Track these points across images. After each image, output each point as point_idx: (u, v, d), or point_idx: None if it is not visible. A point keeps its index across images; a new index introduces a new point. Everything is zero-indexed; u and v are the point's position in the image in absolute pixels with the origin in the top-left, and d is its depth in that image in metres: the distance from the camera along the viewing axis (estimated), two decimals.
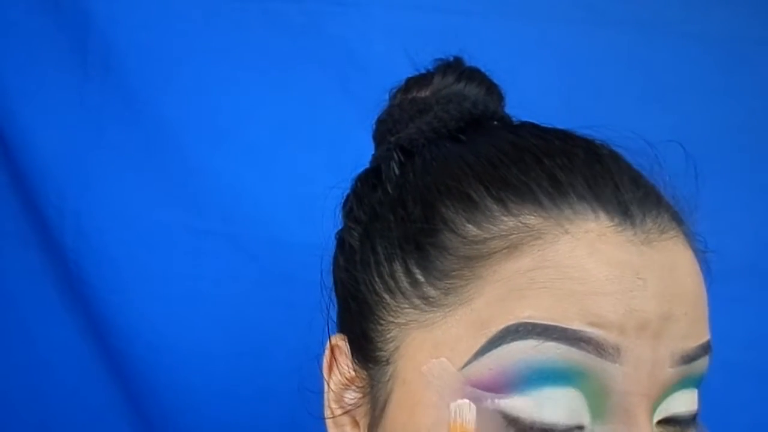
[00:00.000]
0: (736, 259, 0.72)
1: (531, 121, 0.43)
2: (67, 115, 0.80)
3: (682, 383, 0.35)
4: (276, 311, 0.75)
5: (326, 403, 0.42)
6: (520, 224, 0.34)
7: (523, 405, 0.33)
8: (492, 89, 0.45)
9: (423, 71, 0.47)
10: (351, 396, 0.41)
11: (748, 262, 0.73)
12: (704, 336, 0.36)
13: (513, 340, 0.33)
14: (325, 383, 0.42)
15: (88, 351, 0.80)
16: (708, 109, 0.73)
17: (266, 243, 0.77)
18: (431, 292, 0.36)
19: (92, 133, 0.79)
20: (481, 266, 0.35)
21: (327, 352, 0.43)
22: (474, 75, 0.45)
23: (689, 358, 0.35)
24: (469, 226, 0.36)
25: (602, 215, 0.35)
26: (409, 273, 0.37)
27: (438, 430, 0.34)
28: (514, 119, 0.46)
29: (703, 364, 0.36)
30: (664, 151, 0.41)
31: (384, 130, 0.45)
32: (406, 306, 0.37)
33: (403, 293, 0.37)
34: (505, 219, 0.35)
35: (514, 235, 0.34)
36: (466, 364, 0.34)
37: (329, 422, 0.42)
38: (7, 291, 0.82)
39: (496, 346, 0.33)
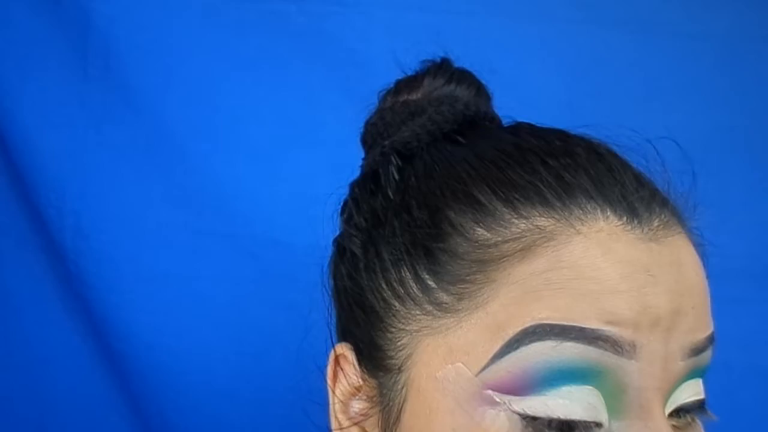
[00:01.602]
0: (736, 259, 0.72)
1: (531, 120, 0.43)
2: (67, 115, 0.80)
3: (690, 374, 0.36)
4: (276, 311, 0.75)
5: (332, 413, 0.41)
6: (532, 226, 0.35)
7: (540, 404, 0.33)
8: (481, 90, 0.45)
9: (411, 72, 0.47)
10: (358, 405, 0.40)
11: (748, 262, 0.73)
12: (710, 328, 0.37)
13: (531, 341, 0.33)
14: (330, 393, 0.41)
15: (88, 351, 0.80)
16: (708, 109, 0.73)
17: (266, 243, 0.77)
18: (444, 297, 0.36)
19: (92, 133, 0.79)
20: (494, 270, 0.35)
21: (331, 361, 0.42)
22: (464, 76, 0.45)
23: (698, 350, 0.36)
24: (479, 229, 0.36)
25: (611, 214, 0.35)
26: (418, 279, 0.37)
27: None
28: (513, 119, 0.46)
29: (708, 355, 0.37)
30: (660, 148, 0.41)
31: (375, 133, 0.45)
32: (418, 312, 0.37)
33: (413, 300, 0.37)
34: (516, 221, 0.35)
35: (526, 238, 0.35)
36: (483, 369, 0.34)
37: None
38: (6, 291, 0.82)
39: (515, 349, 0.33)
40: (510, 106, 0.47)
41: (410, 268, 0.37)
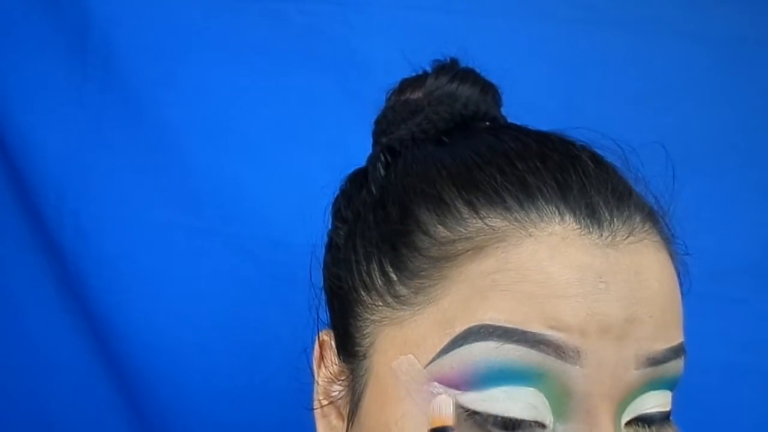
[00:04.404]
0: (736, 259, 0.72)
1: (530, 120, 0.43)
2: (67, 115, 0.80)
3: (651, 385, 0.35)
4: (276, 311, 0.75)
5: (315, 396, 0.43)
6: (486, 227, 0.35)
7: (480, 400, 0.34)
8: (486, 89, 0.45)
9: (420, 72, 0.47)
10: (337, 389, 0.42)
11: (748, 262, 0.73)
12: (675, 339, 0.36)
13: (475, 341, 0.34)
14: (315, 378, 0.44)
15: (87, 351, 0.80)
16: (707, 109, 0.73)
17: (266, 243, 0.77)
18: (402, 290, 0.37)
19: (92, 133, 0.79)
20: (448, 267, 0.36)
21: (316, 347, 0.44)
22: (468, 75, 0.45)
23: (656, 361, 0.35)
24: (440, 227, 0.37)
25: (568, 218, 0.35)
26: (383, 272, 0.38)
27: (405, 423, 0.35)
28: (512, 119, 0.46)
29: (675, 366, 0.36)
30: (653, 154, 0.41)
31: (379, 131, 0.46)
32: (380, 303, 0.38)
33: (378, 291, 0.38)
34: (472, 221, 0.36)
35: (479, 237, 0.35)
36: (431, 362, 0.35)
37: (317, 414, 0.43)
38: (6, 291, 0.82)
39: (459, 346, 0.34)
40: (509, 106, 0.48)
41: (378, 261, 0.39)
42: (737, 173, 0.73)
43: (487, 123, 0.45)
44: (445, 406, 0.34)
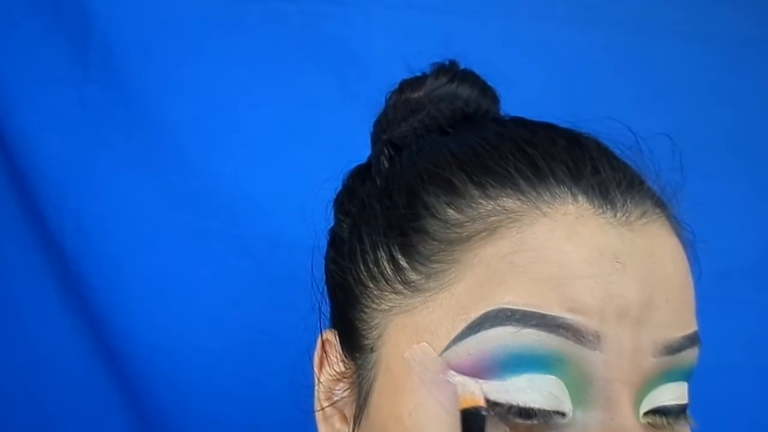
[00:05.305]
0: (736, 259, 0.72)
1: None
2: (67, 115, 0.80)
3: (668, 375, 0.35)
4: (276, 311, 0.75)
5: (316, 397, 0.42)
6: (498, 207, 0.35)
7: (501, 390, 0.32)
8: (486, 90, 0.45)
9: (419, 73, 0.47)
10: (341, 390, 0.41)
11: (748, 263, 0.73)
12: (690, 327, 0.35)
13: (492, 326, 0.33)
14: (316, 378, 0.42)
15: (88, 351, 0.80)
16: (707, 109, 0.73)
17: (266, 243, 0.77)
18: (413, 276, 0.36)
19: (92, 133, 0.80)
20: (461, 250, 0.35)
21: (318, 347, 0.43)
22: (467, 76, 0.45)
23: (673, 349, 0.34)
24: (450, 210, 0.36)
25: (581, 198, 0.35)
26: (392, 259, 0.37)
27: (419, 413, 0.34)
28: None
29: (690, 356, 0.35)
30: (656, 145, 0.41)
31: (379, 130, 0.46)
32: (389, 291, 0.37)
33: (386, 280, 0.37)
34: (484, 203, 0.35)
35: (492, 218, 0.34)
36: (445, 349, 0.34)
37: (318, 416, 0.42)
38: (6, 291, 0.82)
39: (476, 332, 0.33)
40: (510, 106, 0.47)
41: (386, 249, 0.38)
42: (738, 174, 0.73)
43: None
44: (473, 385, 0.32)
